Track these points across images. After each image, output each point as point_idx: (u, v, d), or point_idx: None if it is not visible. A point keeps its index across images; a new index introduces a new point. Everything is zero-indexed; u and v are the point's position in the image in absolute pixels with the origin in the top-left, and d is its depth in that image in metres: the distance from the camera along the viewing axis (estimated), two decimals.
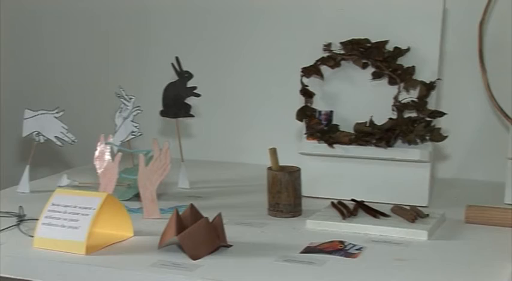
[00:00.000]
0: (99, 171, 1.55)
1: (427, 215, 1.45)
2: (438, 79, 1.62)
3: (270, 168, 1.55)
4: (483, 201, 1.54)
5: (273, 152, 1.55)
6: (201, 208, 1.36)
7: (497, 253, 1.28)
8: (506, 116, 1.63)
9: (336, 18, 1.72)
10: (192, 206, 1.34)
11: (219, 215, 1.32)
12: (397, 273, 1.20)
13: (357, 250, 1.30)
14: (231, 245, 1.32)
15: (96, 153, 1.55)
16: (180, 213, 1.32)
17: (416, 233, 1.37)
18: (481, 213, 1.46)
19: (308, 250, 1.30)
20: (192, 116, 1.75)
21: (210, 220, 1.31)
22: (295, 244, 1.33)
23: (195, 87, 1.73)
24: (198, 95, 1.73)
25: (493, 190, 1.68)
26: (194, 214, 1.33)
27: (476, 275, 1.19)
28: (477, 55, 1.66)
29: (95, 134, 1.58)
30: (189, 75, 1.74)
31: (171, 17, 2.13)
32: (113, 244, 1.33)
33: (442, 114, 1.59)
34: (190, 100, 1.73)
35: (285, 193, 1.52)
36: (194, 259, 1.25)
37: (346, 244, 1.33)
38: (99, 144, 1.56)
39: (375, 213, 1.47)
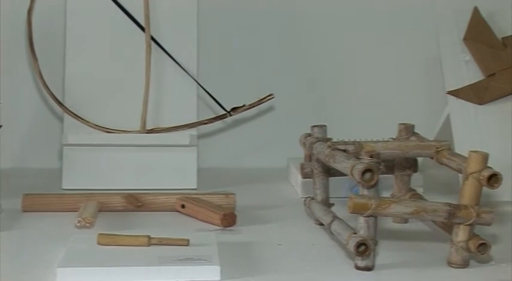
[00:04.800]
0: None
1: None
2: None
3: None
4: (43, 189, 1.55)
5: None
6: None
7: (54, 238, 1.30)
8: (60, 103, 1.66)
9: None
10: None
11: None
12: None
13: None
14: None
15: None
16: None
17: None
18: (38, 201, 1.48)
19: None
20: None
21: None
22: None
23: None
24: None
25: (51, 177, 1.71)
26: None
27: (32, 262, 1.19)
28: (27, 43, 1.66)
29: None
30: None
31: None
32: None
33: None
34: None
35: None
36: None
37: None
38: None
39: None
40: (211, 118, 1.69)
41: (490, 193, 1.39)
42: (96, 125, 1.65)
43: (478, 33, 1.64)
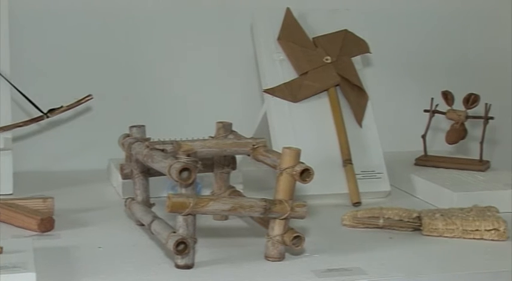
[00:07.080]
0: None
1: None
2: None
3: None
4: None
5: None
6: None
7: None
8: None
9: None
10: None
11: None
12: None
13: None
14: None
15: None
16: None
17: None
18: None
19: None
20: None
21: None
22: None
23: None
24: None
25: None
26: None
27: None
28: None
29: None
30: None
31: None
32: None
33: None
34: None
35: None
36: None
37: None
38: None
39: None
40: (27, 120, 1.64)
41: (302, 187, 1.45)
42: None
43: (290, 33, 1.69)
